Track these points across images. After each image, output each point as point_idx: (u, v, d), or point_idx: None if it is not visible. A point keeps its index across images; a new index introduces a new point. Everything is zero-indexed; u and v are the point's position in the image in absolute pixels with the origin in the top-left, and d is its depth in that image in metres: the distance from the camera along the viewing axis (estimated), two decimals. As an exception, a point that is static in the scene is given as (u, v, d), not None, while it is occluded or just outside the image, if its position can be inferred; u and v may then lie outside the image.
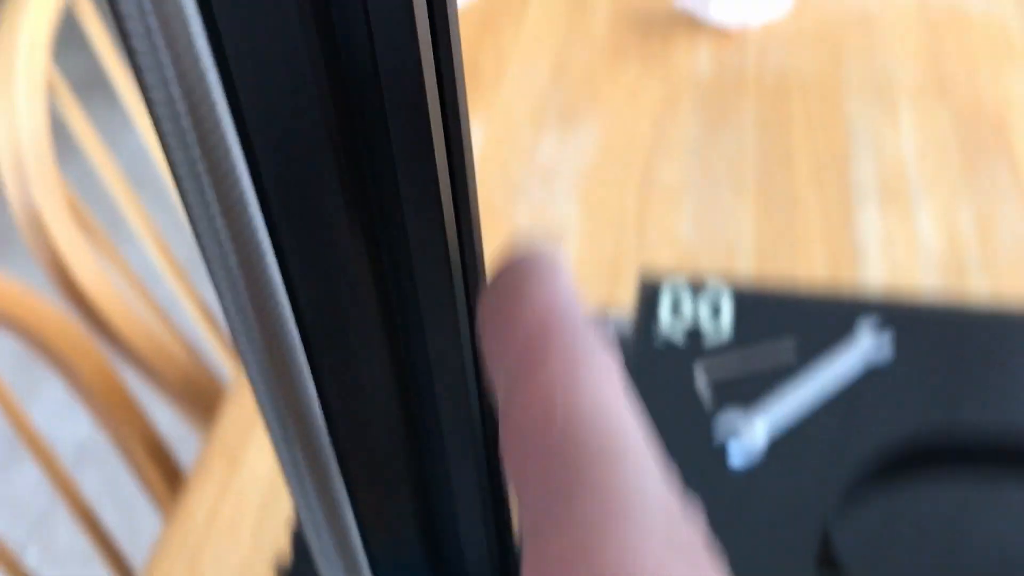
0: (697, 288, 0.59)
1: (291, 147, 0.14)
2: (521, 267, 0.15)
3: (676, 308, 0.61)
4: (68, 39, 1.15)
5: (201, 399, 0.82)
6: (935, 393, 0.50)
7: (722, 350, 0.56)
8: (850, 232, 0.77)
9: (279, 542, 0.60)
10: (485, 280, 0.18)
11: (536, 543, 0.12)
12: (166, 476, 0.79)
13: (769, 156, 0.85)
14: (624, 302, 0.70)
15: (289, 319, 0.15)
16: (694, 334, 0.59)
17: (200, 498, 0.63)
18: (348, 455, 0.20)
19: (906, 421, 0.48)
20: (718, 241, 0.77)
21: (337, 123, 0.14)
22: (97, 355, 0.73)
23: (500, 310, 0.15)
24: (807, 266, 0.74)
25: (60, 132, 0.90)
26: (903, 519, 0.45)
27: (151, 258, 0.90)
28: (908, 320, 0.56)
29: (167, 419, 0.94)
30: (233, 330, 0.15)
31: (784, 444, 0.49)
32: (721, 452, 0.51)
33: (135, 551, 1.11)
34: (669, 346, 0.58)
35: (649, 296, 0.62)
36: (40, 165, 0.72)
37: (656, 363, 0.57)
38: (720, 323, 0.59)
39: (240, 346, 0.15)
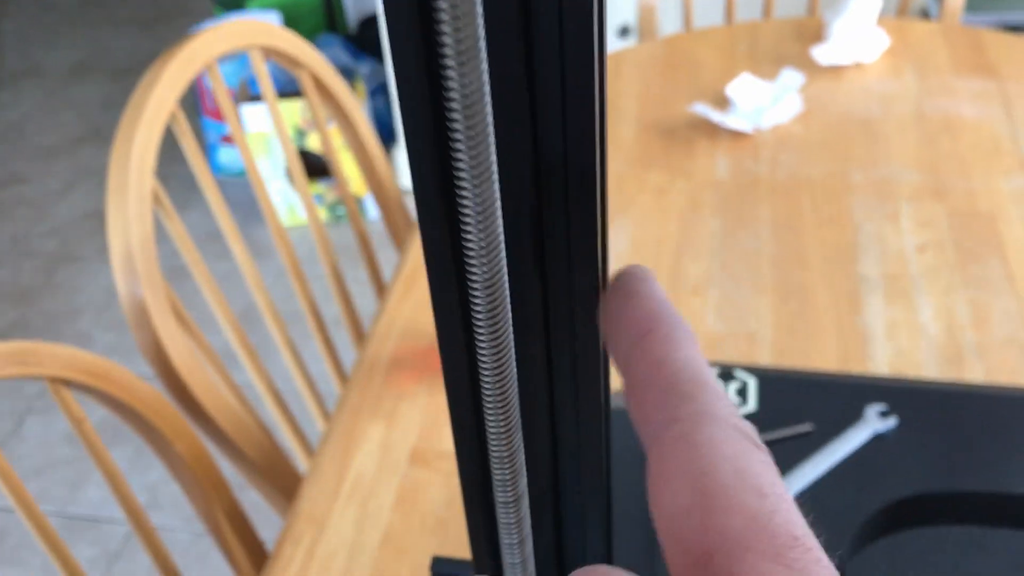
0: (726, 376, 0.69)
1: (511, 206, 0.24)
2: (628, 275, 0.24)
3: (707, 392, 0.70)
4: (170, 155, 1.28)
5: (278, 476, 0.91)
6: (933, 460, 0.59)
7: (749, 420, 0.66)
8: (858, 322, 0.86)
9: (362, 599, 0.68)
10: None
11: (658, 439, 0.21)
12: (245, 542, 0.88)
13: (783, 252, 0.94)
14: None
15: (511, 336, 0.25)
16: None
17: (289, 562, 0.71)
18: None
19: (907, 483, 0.57)
20: (740, 331, 0.86)
21: (535, 198, 0.24)
22: (190, 433, 0.83)
23: (618, 306, 0.24)
24: (821, 353, 0.83)
25: (161, 236, 1.00)
26: (906, 567, 0.54)
27: (231, 343, 1.00)
28: (910, 395, 0.65)
29: (246, 497, 1.03)
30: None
31: (805, 502, 0.58)
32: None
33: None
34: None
35: (684, 381, 0.71)
36: (147, 267, 0.82)
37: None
38: (747, 402, 0.69)
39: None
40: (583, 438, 0.32)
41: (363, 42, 2.55)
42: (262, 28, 1.01)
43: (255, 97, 2.24)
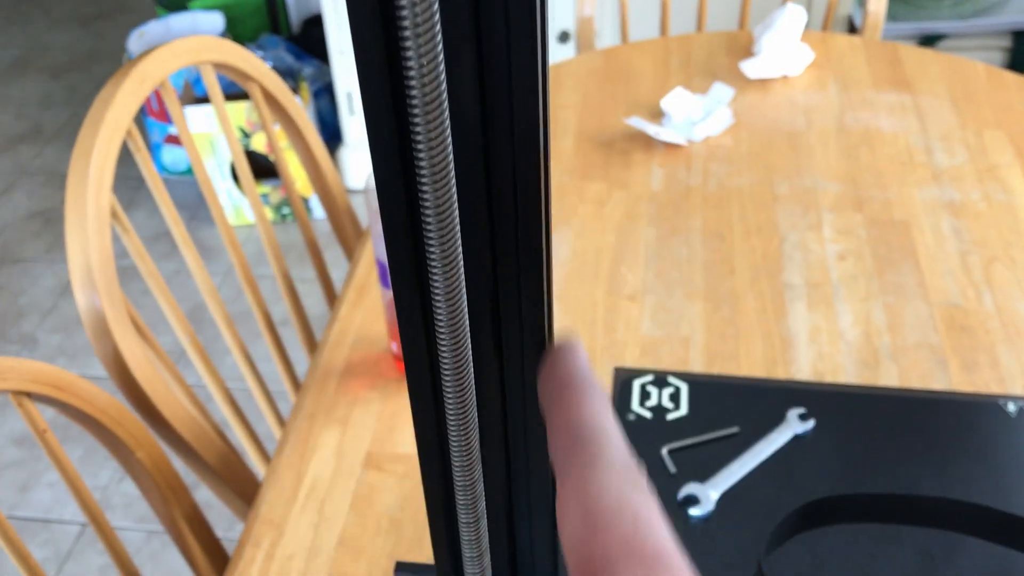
0: (660, 383, 0.74)
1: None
2: (560, 345, 0.30)
3: (644, 395, 0.76)
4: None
5: (235, 479, 0.95)
6: (847, 461, 0.65)
7: (681, 422, 0.72)
8: (783, 327, 0.92)
9: (321, 597, 0.73)
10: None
11: (561, 477, 0.27)
12: (205, 545, 0.91)
13: (714, 260, 1.00)
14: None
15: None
16: (658, 411, 0.75)
17: (249, 564, 0.75)
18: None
19: (823, 483, 0.63)
20: (674, 336, 0.92)
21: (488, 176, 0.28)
22: (151, 441, 0.86)
23: (547, 368, 0.30)
24: (748, 356, 0.89)
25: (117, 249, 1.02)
26: (822, 558, 0.60)
27: (181, 343, 1.03)
28: (828, 399, 0.71)
29: (200, 495, 1.06)
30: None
31: (729, 500, 0.63)
32: (682, 505, 0.65)
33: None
34: (639, 419, 0.73)
35: (623, 385, 0.76)
36: (106, 280, 0.85)
37: (629, 433, 0.71)
38: (679, 405, 0.74)
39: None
40: (532, 466, 0.37)
41: (306, 43, 2.56)
42: (213, 44, 1.04)
43: (200, 99, 2.25)
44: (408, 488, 0.80)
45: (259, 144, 2.24)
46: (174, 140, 2.40)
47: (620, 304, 0.96)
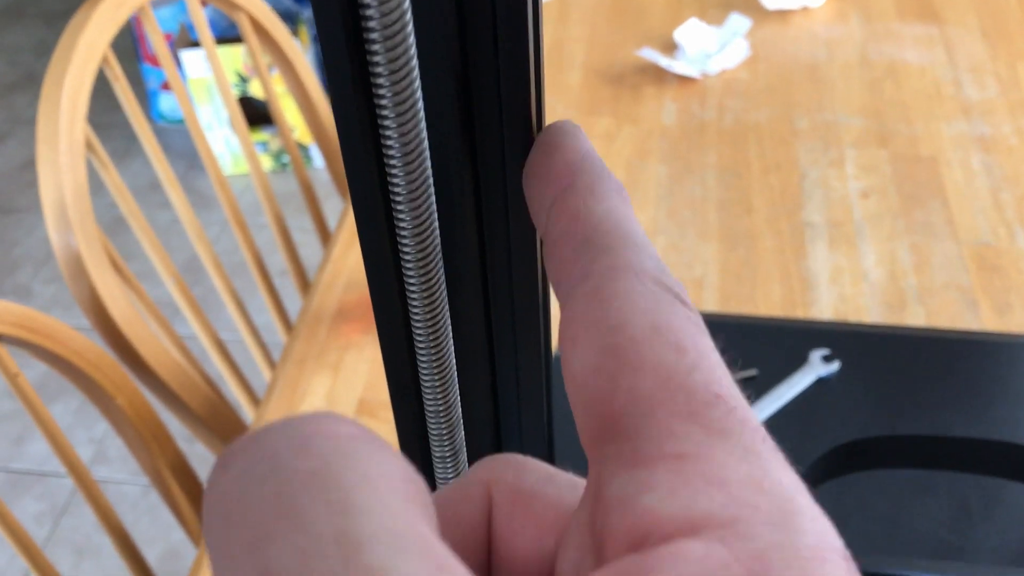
0: (673, 322, 0.69)
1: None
2: (552, 129, 0.22)
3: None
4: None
5: (224, 428, 0.90)
6: (875, 403, 0.60)
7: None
8: (803, 268, 0.87)
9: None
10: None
11: (570, 297, 0.19)
12: (191, 495, 0.87)
13: (730, 199, 0.95)
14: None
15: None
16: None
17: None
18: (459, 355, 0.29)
19: (850, 427, 0.58)
20: (687, 277, 0.86)
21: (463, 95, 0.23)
22: (131, 386, 0.81)
23: (539, 160, 0.22)
24: (766, 298, 0.84)
25: (99, 187, 0.96)
26: (850, 508, 0.54)
27: (173, 296, 0.98)
28: (852, 340, 0.66)
29: (194, 451, 1.02)
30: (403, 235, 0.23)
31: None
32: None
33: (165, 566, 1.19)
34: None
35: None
36: (80, 216, 0.80)
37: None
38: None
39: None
40: (523, 390, 0.31)
41: (306, -15, 2.49)
42: (197, -31, 0.97)
43: (195, 43, 2.18)
44: (403, 436, 0.75)
45: (258, 89, 2.17)
46: (171, 87, 2.33)
47: (629, 244, 0.90)
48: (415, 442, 0.31)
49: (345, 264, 0.91)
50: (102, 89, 1.11)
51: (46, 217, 0.79)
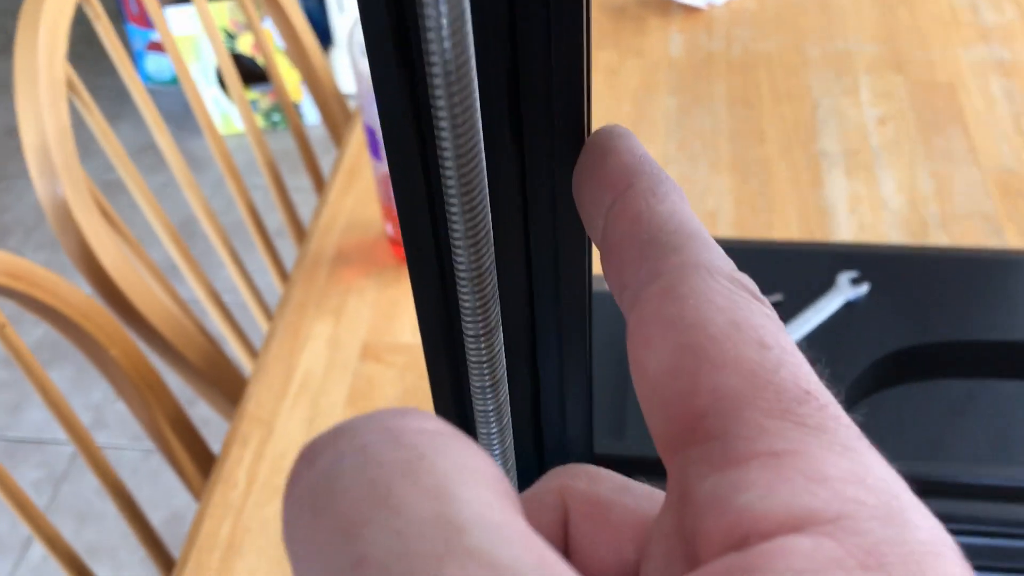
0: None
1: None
2: (602, 132, 0.21)
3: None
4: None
5: (223, 381, 0.87)
6: (910, 320, 0.57)
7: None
8: (820, 197, 0.83)
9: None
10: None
11: (638, 300, 0.18)
12: (194, 453, 0.84)
13: (741, 130, 0.91)
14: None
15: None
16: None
17: (238, 462, 0.68)
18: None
19: (887, 342, 0.55)
20: (700, 210, 0.83)
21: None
22: (126, 338, 0.78)
23: (591, 164, 0.21)
24: (783, 229, 0.80)
25: (92, 151, 0.93)
26: (891, 426, 0.52)
27: (166, 248, 0.94)
28: (880, 262, 0.62)
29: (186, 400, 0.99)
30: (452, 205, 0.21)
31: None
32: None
33: (165, 525, 1.16)
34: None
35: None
36: (65, 159, 0.76)
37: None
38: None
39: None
40: (564, 324, 0.29)
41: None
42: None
43: (180, -1, 2.13)
44: (410, 380, 0.72)
45: (245, 46, 2.12)
46: (157, 47, 2.28)
47: (638, 179, 0.87)
48: (448, 382, 0.29)
49: (342, 207, 0.87)
50: (87, 51, 1.07)
51: (28, 162, 0.75)
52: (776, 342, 0.16)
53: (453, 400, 0.31)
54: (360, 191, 0.88)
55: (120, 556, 1.47)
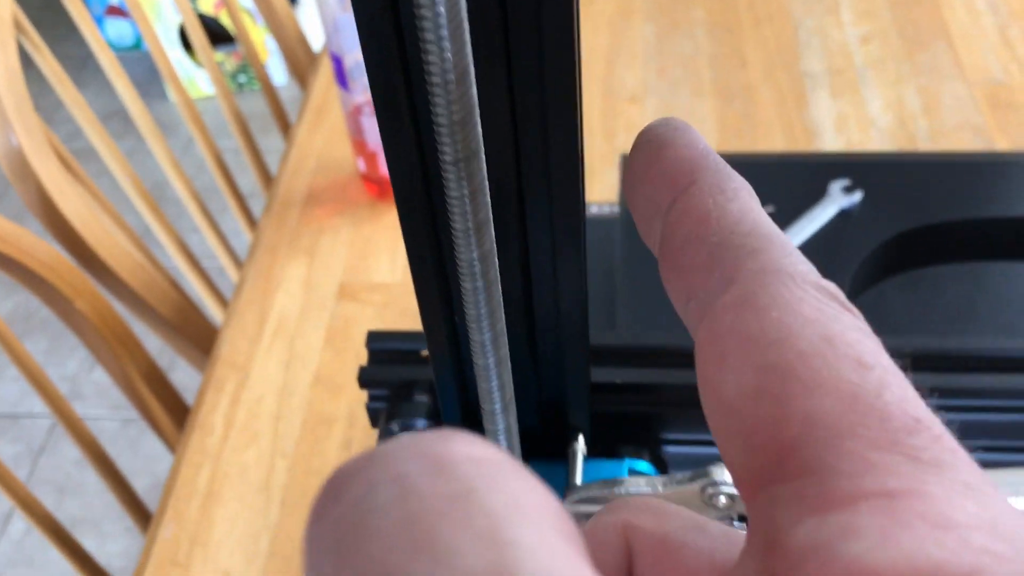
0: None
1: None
2: (656, 126, 0.18)
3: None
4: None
5: (196, 334, 0.84)
6: (911, 230, 0.54)
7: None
8: (806, 118, 0.81)
9: (294, 438, 0.63)
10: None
11: (709, 310, 0.15)
12: (170, 409, 0.81)
13: (722, 54, 0.88)
14: (602, 199, 0.74)
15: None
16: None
17: (214, 407, 0.65)
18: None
19: (887, 232, 0.53)
20: (683, 134, 0.80)
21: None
22: (93, 291, 0.75)
23: (646, 161, 0.18)
24: (768, 150, 0.78)
25: (60, 117, 0.89)
26: (897, 312, 0.50)
27: (126, 192, 0.91)
28: (872, 169, 0.60)
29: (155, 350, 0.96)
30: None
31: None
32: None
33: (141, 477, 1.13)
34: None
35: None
36: (16, 103, 0.72)
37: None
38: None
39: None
40: (558, 247, 0.28)
41: None
42: None
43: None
44: (390, 318, 0.70)
45: (207, 6, 2.06)
46: (117, 12, 2.22)
47: (619, 107, 0.84)
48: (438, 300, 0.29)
49: (311, 147, 0.84)
50: (43, 17, 1.02)
51: (-22, 107, 0.72)
52: (877, 361, 0.14)
53: (440, 302, 0.30)
54: (328, 130, 0.85)
55: (104, 526, 1.45)
